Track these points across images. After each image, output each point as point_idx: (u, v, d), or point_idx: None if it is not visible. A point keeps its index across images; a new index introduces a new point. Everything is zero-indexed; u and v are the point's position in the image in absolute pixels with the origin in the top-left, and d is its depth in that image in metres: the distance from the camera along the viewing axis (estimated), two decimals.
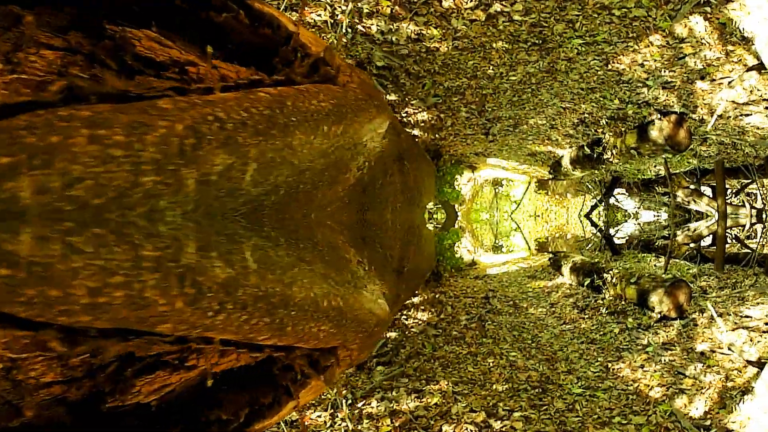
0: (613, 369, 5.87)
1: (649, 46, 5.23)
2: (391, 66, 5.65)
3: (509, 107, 7.03)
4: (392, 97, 6.59)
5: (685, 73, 5.63)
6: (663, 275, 8.46)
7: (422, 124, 7.74)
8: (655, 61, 5.47)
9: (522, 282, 10.69)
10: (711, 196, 10.69)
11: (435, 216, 15.04)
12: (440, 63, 5.65)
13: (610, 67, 5.71)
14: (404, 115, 7.25)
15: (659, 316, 7.09)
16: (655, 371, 5.70)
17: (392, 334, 6.76)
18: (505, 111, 7.19)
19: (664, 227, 13.22)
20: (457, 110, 7.11)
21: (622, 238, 13.90)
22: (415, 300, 8.36)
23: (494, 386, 5.32)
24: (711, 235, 10.88)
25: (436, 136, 8.44)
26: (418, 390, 5.15)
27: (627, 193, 13.73)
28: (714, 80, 5.66)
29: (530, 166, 11.91)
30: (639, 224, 14.31)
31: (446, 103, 6.84)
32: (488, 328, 7.26)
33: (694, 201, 10.44)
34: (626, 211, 14.38)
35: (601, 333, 7.03)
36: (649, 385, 5.40)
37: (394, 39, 5.08)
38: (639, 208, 14.21)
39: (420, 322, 7.38)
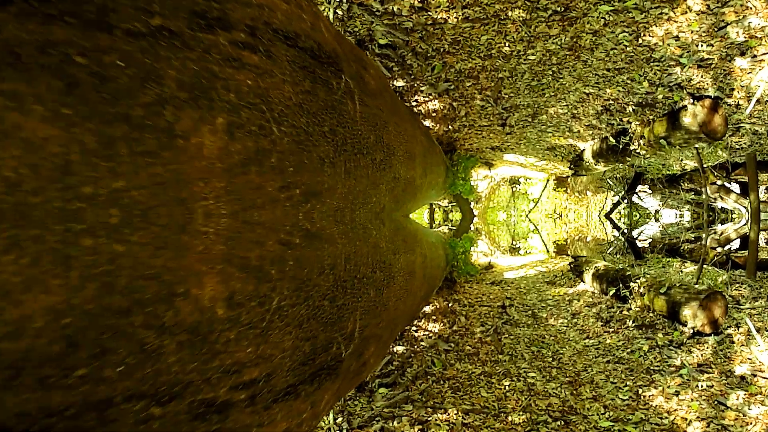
0: (645, 396, 5.12)
1: (686, 12, 4.51)
2: (395, 44, 4.97)
3: (527, 93, 6.36)
4: (399, 83, 5.97)
5: (725, 47, 4.96)
6: (695, 285, 7.68)
7: (434, 115, 7.16)
8: (692, 32, 4.79)
9: (541, 288, 10.00)
10: (739, 192, 9.89)
11: (450, 216, 14.42)
12: (450, 39, 4.96)
13: (640, 41, 5.02)
14: (414, 103, 6.63)
15: (692, 331, 6.35)
16: (693, 400, 4.95)
17: (399, 348, 6.12)
18: (523, 98, 6.52)
19: (688, 229, 12.46)
20: (471, 97, 6.45)
21: (645, 240, 13.15)
22: (427, 309, 7.73)
23: (510, 417, 4.59)
24: (739, 239, 10.12)
25: (450, 127, 7.85)
26: (423, 420, 4.45)
27: (650, 190, 12.96)
28: (755, 56, 5.03)
29: (549, 162, 11.29)
30: (662, 226, 13.54)
31: (459, 90, 6.19)
32: (505, 342, 6.56)
33: (722, 198, 9.70)
34: (649, 210, 13.61)
35: (629, 350, 6.29)
36: (686, 419, 4.64)
37: (395, 9, 4.38)
38: (662, 206, 13.41)
39: (431, 335, 6.72)
